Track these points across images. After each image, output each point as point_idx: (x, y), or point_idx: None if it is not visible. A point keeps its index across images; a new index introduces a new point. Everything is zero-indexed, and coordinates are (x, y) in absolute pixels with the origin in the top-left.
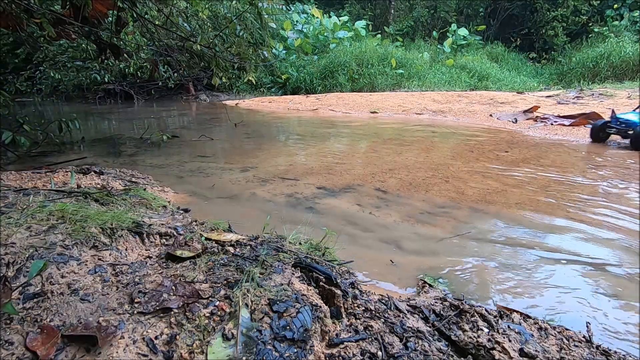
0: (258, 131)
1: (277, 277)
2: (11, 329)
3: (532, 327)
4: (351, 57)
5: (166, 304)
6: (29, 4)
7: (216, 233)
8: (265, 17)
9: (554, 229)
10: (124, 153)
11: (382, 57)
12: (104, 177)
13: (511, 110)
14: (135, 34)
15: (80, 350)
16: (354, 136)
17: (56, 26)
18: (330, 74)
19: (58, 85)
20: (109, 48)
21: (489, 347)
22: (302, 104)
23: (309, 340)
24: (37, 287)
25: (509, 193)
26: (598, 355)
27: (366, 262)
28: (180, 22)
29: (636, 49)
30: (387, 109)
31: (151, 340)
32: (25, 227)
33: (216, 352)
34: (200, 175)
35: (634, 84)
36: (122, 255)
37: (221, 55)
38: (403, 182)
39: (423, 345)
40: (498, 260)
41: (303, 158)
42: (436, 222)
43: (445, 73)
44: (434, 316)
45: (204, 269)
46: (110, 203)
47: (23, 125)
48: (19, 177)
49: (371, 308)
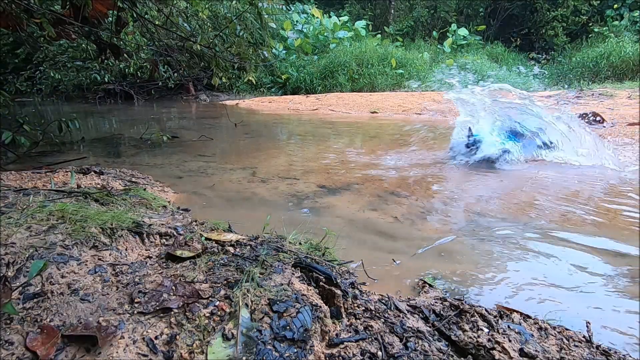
0: (258, 131)
1: (277, 277)
2: (11, 329)
3: (532, 327)
4: (351, 57)
5: (166, 304)
6: (29, 4)
7: (216, 233)
8: (265, 17)
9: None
10: (124, 153)
11: (382, 57)
12: (104, 177)
13: None
14: (135, 34)
15: (80, 350)
16: (354, 136)
17: (56, 26)
18: (330, 74)
19: (58, 85)
20: (109, 48)
21: (489, 347)
22: (302, 104)
23: (309, 340)
24: (37, 287)
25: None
26: (598, 355)
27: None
28: (180, 22)
29: (636, 49)
30: (387, 109)
31: (151, 340)
32: (25, 227)
33: (216, 352)
34: (200, 175)
35: (634, 84)
36: (122, 255)
37: (221, 55)
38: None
39: (423, 345)
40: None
41: (303, 158)
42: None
43: (445, 73)
44: (434, 316)
45: (204, 269)
46: (110, 203)
47: (23, 125)
48: (19, 177)
49: (371, 308)
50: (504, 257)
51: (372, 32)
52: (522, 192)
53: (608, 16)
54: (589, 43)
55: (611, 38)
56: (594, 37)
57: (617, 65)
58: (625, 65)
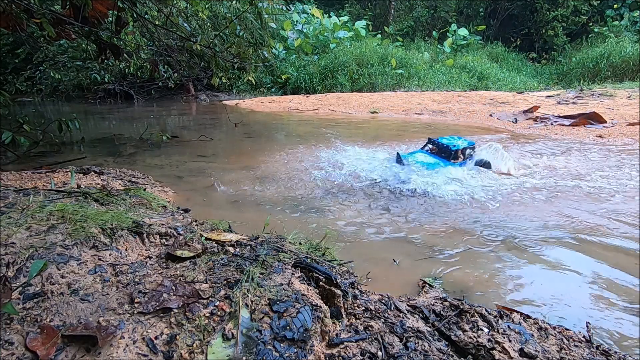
0: (258, 131)
1: (277, 277)
2: (11, 329)
3: (532, 327)
4: (351, 57)
5: (166, 304)
6: (29, 4)
7: (216, 233)
8: (265, 17)
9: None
10: (124, 153)
11: (382, 57)
12: (104, 177)
13: (511, 110)
14: (135, 34)
15: (80, 350)
16: (354, 136)
17: (56, 26)
18: (330, 74)
19: (58, 85)
20: (109, 48)
21: (489, 347)
22: (302, 104)
23: (309, 340)
24: (37, 287)
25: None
26: (598, 355)
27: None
28: (180, 22)
29: (636, 49)
30: (387, 109)
31: (151, 340)
32: (25, 227)
33: (216, 352)
34: (200, 175)
35: (634, 84)
36: (122, 255)
37: (221, 55)
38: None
39: (423, 346)
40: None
41: (303, 158)
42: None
43: (445, 73)
44: (434, 316)
45: (204, 269)
46: (110, 203)
47: (23, 125)
48: (19, 177)
49: (371, 308)
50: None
51: (372, 32)
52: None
53: (608, 16)
54: (589, 43)
55: (611, 38)
56: (594, 37)
57: (617, 65)
58: (625, 65)
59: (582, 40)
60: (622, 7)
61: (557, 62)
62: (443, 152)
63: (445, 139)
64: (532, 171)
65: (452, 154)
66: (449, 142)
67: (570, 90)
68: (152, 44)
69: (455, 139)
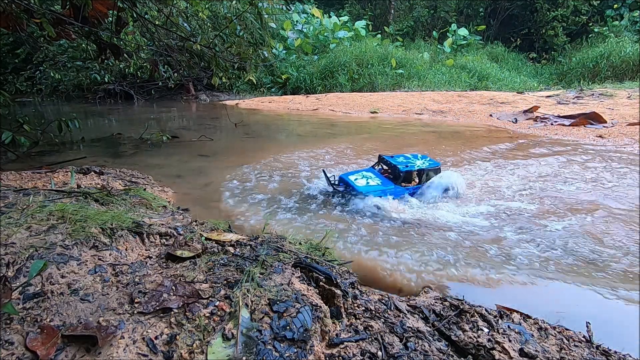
0: (258, 131)
1: (277, 277)
2: (11, 329)
3: (532, 327)
4: (351, 57)
5: (166, 304)
6: (29, 4)
7: (216, 233)
8: (265, 17)
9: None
10: (124, 153)
11: (382, 57)
12: (104, 177)
13: (511, 110)
14: (135, 34)
15: (80, 350)
16: (354, 136)
17: (56, 26)
18: (330, 74)
19: (58, 85)
20: (109, 48)
21: (489, 347)
22: (302, 104)
23: (309, 340)
24: (37, 287)
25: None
26: (598, 355)
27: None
28: (180, 22)
29: (636, 49)
30: (387, 109)
31: (151, 340)
32: (25, 227)
33: (216, 352)
34: (200, 175)
35: (634, 84)
36: (122, 255)
37: (221, 55)
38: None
39: (423, 345)
40: None
41: (303, 158)
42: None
43: (445, 73)
44: (434, 316)
45: (204, 269)
46: (110, 203)
47: (23, 125)
48: (19, 177)
49: (371, 308)
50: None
51: (372, 32)
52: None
53: (608, 16)
54: (589, 43)
55: (611, 38)
56: (594, 37)
57: (617, 65)
58: (625, 65)
59: (582, 40)
60: (622, 7)
61: (557, 62)
62: (392, 174)
63: (402, 157)
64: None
65: (400, 176)
66: (404, 161)
67: (570, 90)
68: (152, 44)
69: (417, 158)
